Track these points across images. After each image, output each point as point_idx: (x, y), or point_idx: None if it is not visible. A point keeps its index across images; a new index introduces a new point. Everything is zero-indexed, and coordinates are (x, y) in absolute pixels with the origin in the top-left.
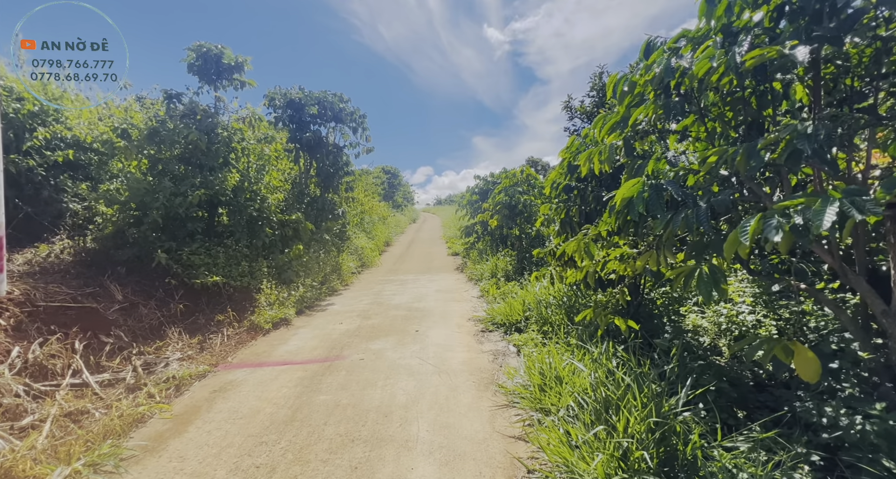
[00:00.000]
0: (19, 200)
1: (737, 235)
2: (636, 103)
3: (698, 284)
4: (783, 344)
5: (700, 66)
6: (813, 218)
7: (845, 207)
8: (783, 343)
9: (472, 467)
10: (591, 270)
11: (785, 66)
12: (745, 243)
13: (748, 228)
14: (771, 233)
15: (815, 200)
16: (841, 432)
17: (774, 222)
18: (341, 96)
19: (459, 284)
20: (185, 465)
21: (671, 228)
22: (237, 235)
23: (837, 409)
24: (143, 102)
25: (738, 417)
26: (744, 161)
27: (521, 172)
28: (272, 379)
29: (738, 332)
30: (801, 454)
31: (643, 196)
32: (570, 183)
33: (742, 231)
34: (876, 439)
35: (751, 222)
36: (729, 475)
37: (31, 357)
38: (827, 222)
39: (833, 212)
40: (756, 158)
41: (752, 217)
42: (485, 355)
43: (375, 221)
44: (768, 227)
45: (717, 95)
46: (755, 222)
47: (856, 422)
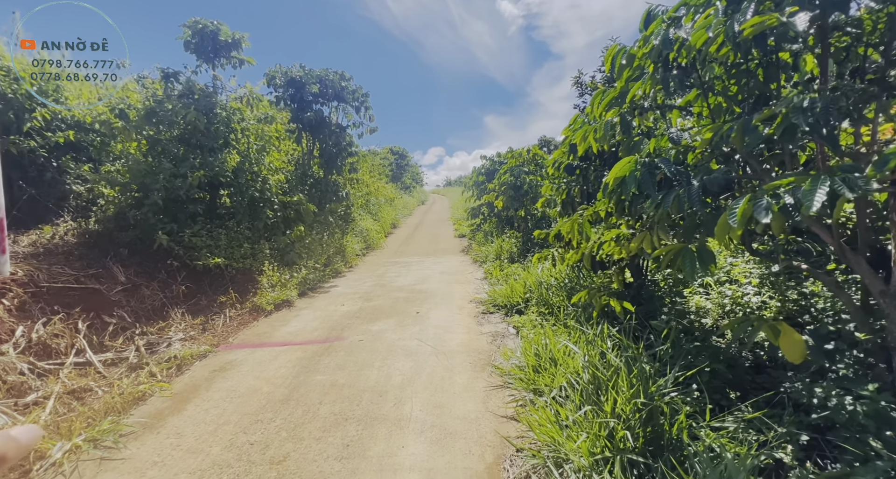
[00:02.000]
0: (23, 182)
1: (726, 219)
2: (635, 77)
3: (683, 259)
4: (770, 324)
5: (697, 37)
6: (803, 198)
7: (836, 185)
8: (770, 323)
9: (463, 445)
10: (587, 251)
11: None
12: (733, 225)
13: (737, 210)
14: (760, 214)
15: (806, 178)
16: (830, 412)
17: (764, 203)
18: (343, 74)
19: (464, 266)
20: (181, 441)
21: (663, 208)
22: (238, 216)
23: (829, 390)
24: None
25: (731, 398)
26: (739, 137)
27: (528, 151)
28: (271, 359)
29: (742, 313)
30: (788, 434)
31: (635, 175)
32: (572, 162)
33: (731, 214)
34: (864, 419)
35: (740, 204)
36: (713, 454)
37: (34, 337)
38: (817, 202)
39: (824, 191)
40: (752, 133)
41: (741, 198)
42: (484, 336)
43: (382, 203)
44: (758, 208)
45: (722, 67)
46: (744, 204)
47: (846, 402)
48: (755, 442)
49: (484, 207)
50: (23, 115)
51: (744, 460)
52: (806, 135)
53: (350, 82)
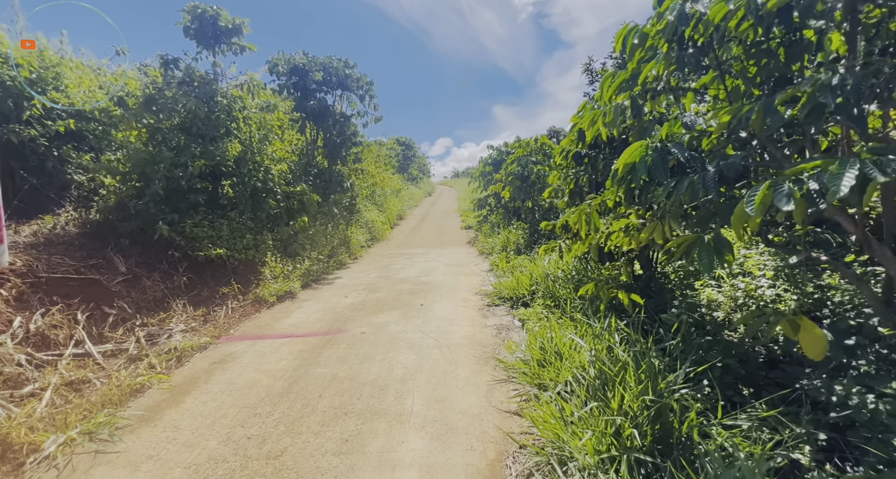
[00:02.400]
0: (24, 172)
1: (743, 207)
2: (647, 58)
3: (699, 251)
4: (789, 319)
5: (716, 10)
6: (829, 182)
7: (867, 168)
8: (789, 318)
9: (464, 441)
10: (595, 242)
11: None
12: (751, 213)
13: (755, 197)
14: (781, 201)
15: (833, 161)
16: (850, 411)
17: (785, 189)
18: (347, 62)
19: (470, 257)
20: (178, 435)
21: (676, 195)
22: (241, 207)
23: (849, 387)
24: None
25: (744, 394)
26: (760, 119)
27: (535, 140)
28: (272, 352)
29: (756, 306)
30: (804, 434)
31: (646, 161)
32: (580, 151)
33: (749, 201)
34: (887, 419)
35: (758, 191)
36: (725, 453)
37: (33, 327)
38: (845, 187)
39: (853, 175)
40: (774, 115)
41: (761, 185)
42: (488, 329)
43: (387, 194)
44: (778, 194)
45: (741, 46)
46: (763, 190)
47: (867, 401)
48: (770, 442)
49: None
50: (22, 102)
51: (759, 460)
52: (833, 116)
53: (354, 70)
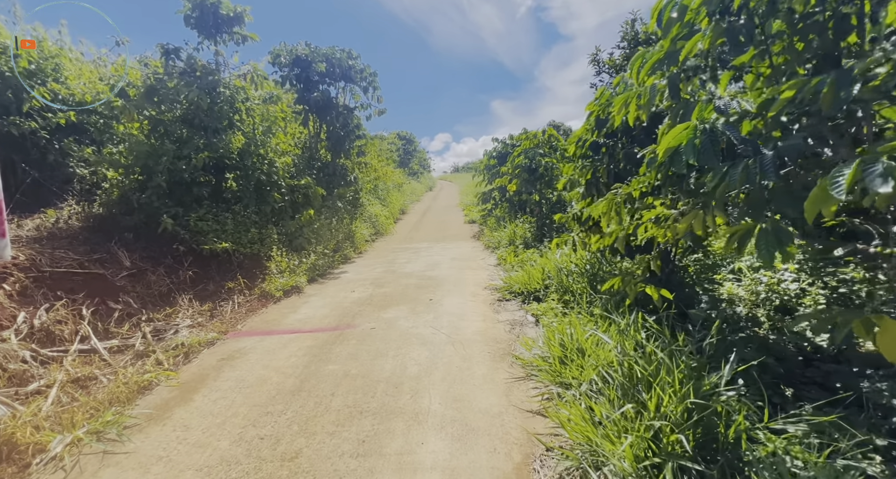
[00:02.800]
0: (26, 165)
1: (825, 187)
2: (683, 36)
3: (758, 242)
4: (864, 318)
5: None
6: None
7: None
8: (864, 317)
9: (487, 442)
10: (622, 234)
11: None
12: (838, 196)
13: (843, 176)
14: (875, 182)
15: None
16: None
17: (879, 169)
18: (350, 53)
19: (475, 252)
20: (188, 435)
21: (727, 181)
22: (245, 200)
23: None
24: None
25: (786, 395)
26: (831, 94)
27: (543, 132)
28: (281, 348)
29: (780, 301)
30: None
31: (694, 144)
32: (597, 140)
33: (833, 182)
34: None
35: (847, 169)
36: (778, 461)
37: (37, 323)
38: None
39: None
40: (847, 89)
41: (848, 164)
42: (501, 324)
43: (390, 188)
44: (870, 174)
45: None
46: (854, 169)
47: None
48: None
49: (495, 191)
50: (22, 94)
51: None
52: None
53: (357, 61)
